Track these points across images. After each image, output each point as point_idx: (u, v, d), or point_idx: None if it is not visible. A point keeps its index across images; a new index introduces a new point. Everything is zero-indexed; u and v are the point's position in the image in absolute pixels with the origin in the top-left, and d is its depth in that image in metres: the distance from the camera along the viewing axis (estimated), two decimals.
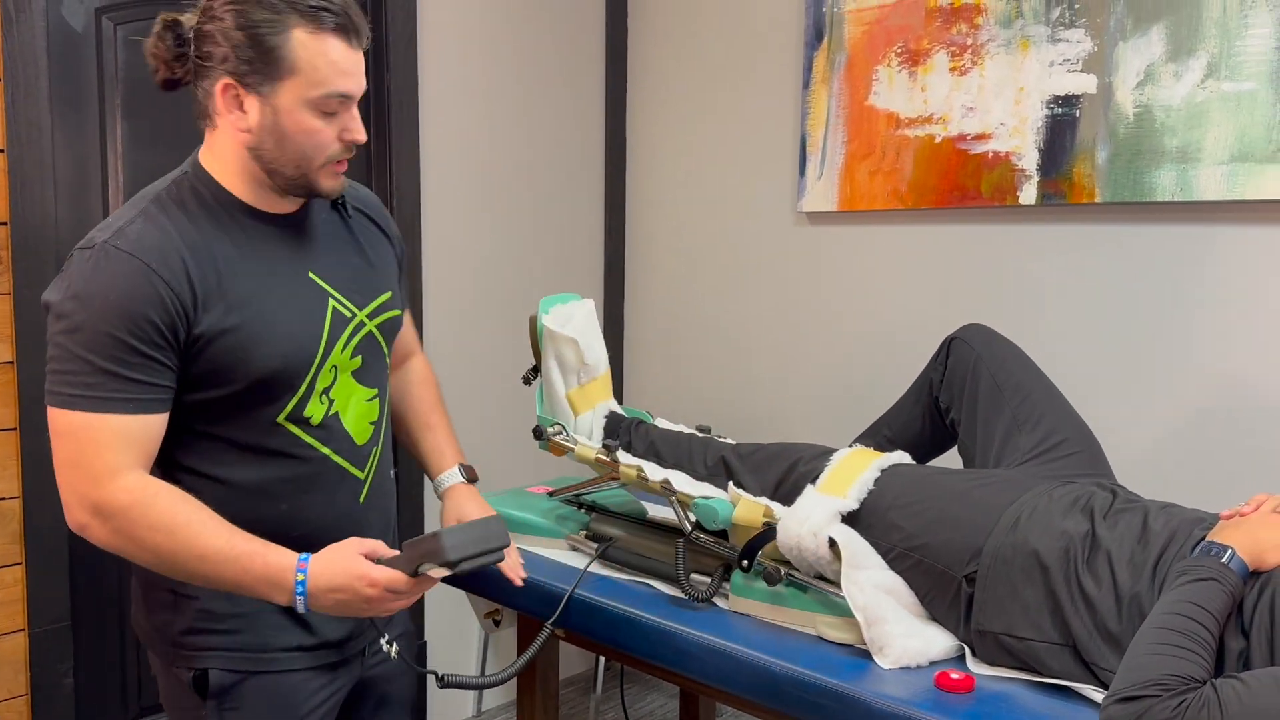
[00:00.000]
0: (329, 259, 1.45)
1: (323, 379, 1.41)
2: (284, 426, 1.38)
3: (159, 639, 1.43)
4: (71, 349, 1.26)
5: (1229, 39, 2.07)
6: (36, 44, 2.06)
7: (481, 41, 2.86)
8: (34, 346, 2.09)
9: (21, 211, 2.06)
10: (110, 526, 1.27)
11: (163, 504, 1.27)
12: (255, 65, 1.28)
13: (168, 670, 1.44)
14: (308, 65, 1.29)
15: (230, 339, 1.31)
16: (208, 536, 1.27)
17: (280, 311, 1.36)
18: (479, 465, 2.87)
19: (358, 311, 1.46)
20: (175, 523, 1.26)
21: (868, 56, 2.61)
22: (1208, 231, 2.15)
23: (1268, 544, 1.34)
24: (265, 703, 1.41)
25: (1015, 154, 2.37)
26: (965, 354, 1.89)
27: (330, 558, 1.29)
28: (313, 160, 1.34)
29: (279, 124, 1.31)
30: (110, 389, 1.25)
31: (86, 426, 1.25)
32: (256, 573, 1.27)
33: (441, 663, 2.93)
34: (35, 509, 2.11)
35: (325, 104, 1.31)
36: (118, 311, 1.25)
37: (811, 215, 2.79)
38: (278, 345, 1.35)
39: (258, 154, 1.33)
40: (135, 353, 1.26)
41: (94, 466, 1.25)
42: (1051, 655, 1.45)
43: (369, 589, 1.28)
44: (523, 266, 3.03)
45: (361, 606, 1.30)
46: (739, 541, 1.74)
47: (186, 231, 1.32)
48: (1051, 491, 1.58)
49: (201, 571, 1.28)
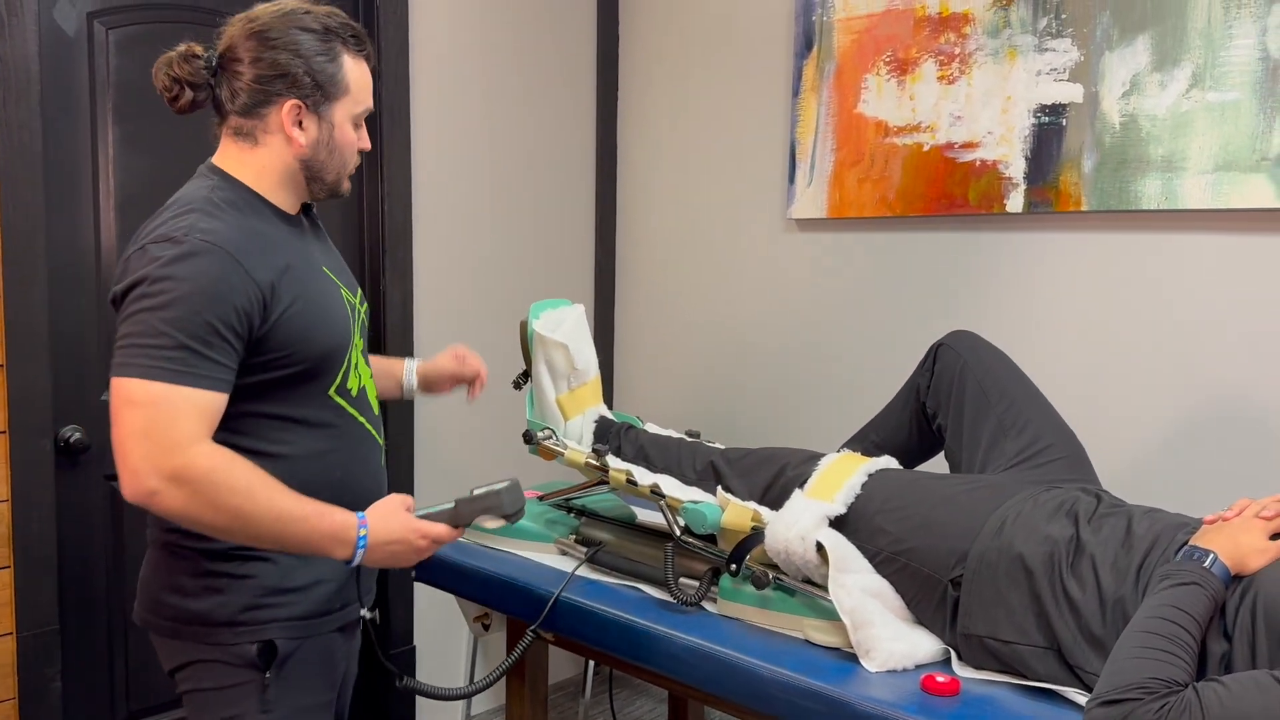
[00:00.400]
0: (326, 257, 1.61)
1: (354, 355, 1.57)
2: (333, 399, 1.53)
3: (207, 625, 1.48)
4: (157, 325, 1.34)
5: (1213, 49, 2.09)
6: (28, 48, 2.06)
7: (474, 49, 2.87)
8: (24, 350, 2.09)
9: (12, 215, 2.06)
10: (187, 491, 1.32)
11: (240, 468, 1.36)
12: (320, 88, 1.47)
13: (212, 658, 1.49)
14: (355, 86, 1.51)
15: (298, 321, 1.45)
16: (281, 498, 1.37)
17: (323, 297, 1.52)
18: (469, 469, 2.89)
19: (352, 299, 1.62)
20: (253, 486, 1.35)
21: (857, 65, 2.63)
22: (1193, 240, 2.17)
23: (1249, 548, 1.36)
24: (315, 664, 1.55)
25: (1002, 162, 2.39)
26: (952, 360, 1.90)
27: (383, 514, 1.43)
28: (348, 166, 1.55)
29: (334, 138, 1.50)
30: (191, 364, 1.34)
31: (167, 398, 1.33)
32: (324, 530, 1.38)
33: (431, 667, 2.93)
34: (23, 513, 2.11)
35: (360, 118, 1.53)
36: (208, 296, 1.35)
37: (801, 222, 2.81)
38: (332, 324, 1.51)
39: (309, 164, 1.51)
40: (217, 335, 1.36)
41: (172, 435, 1.32)
42: (1036, 658, 1.46)
43: (421, 540, 1.44)
44: (513, 272, 3.04)
45: (410, 556, 1.45)
46: (727, 545, 1.75)
47: (249, 229, 1.44)
48: (1037, 496, 1.60)
49: (274, 531, 1.37)
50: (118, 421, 1.33)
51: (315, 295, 1.50)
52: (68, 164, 2.20)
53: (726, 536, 1.75)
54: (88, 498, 2.27)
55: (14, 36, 2.04)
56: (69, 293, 2.22)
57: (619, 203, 3.28)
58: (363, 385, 1.61)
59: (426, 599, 2.88)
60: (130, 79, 2.27)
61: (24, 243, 2.08)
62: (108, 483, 2.30)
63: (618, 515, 2.04)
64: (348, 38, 1.50)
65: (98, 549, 2.30)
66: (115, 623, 2.34)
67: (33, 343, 2.11)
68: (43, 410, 2.13)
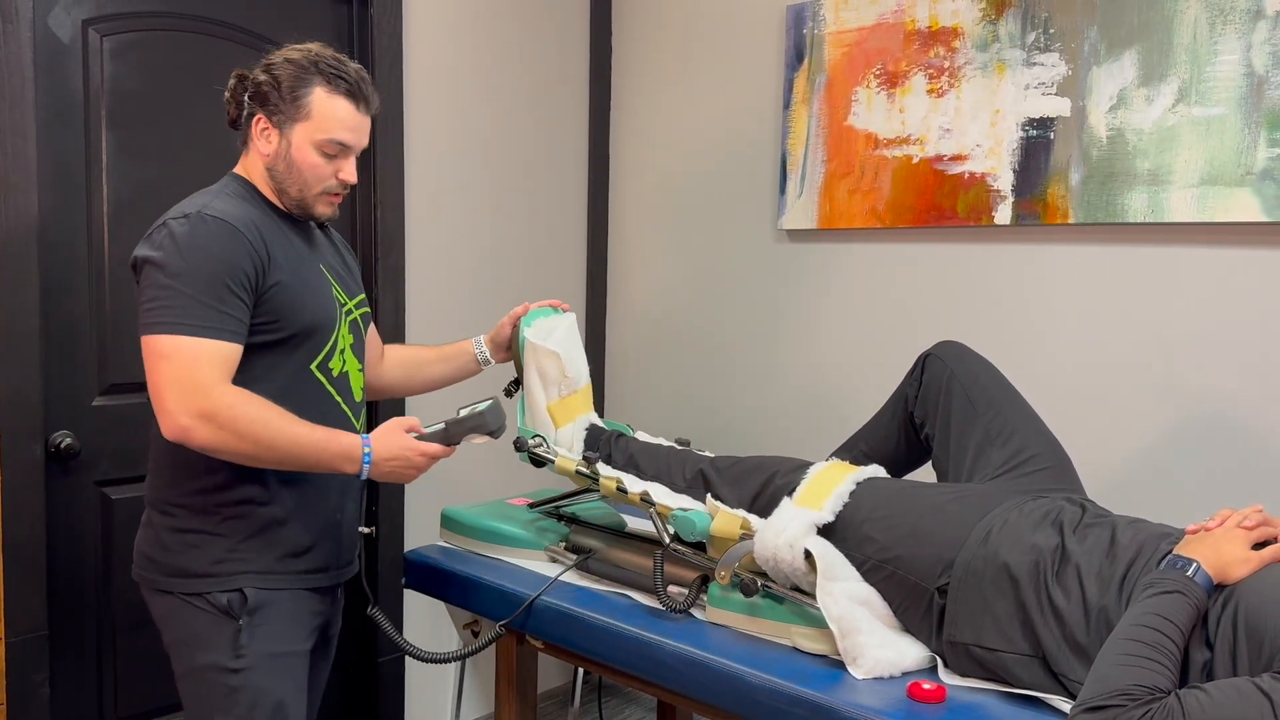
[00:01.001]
0: (328, 259, 1.83)
1: (340, 341, 1.77)
2: (314, 374, 1.73)
3: (185, 576, 1.68)
4: (179, 288, 1.57)
5: (1199, 65, 2.11)
6: (23, 54, 2.07)
7: (467, 60, 2.88)
8: (16, 355, 2.10)
9: (6, 221, 2.07)
10: (215, 424, 1.55)
11: (257, 403, 1.58)
12: (283, 109, 1.68)
13: (191, 605, 1.67)
14: (319, 115, 1.68)
15: (288, 292, 1.67)
16: (294, 425, 1.60)
17: (312, 280, 1.74)
18: (460, 476, 2.90)
19: (348, 300, 1.82)
20: (269, 416, 1.58)
21: (847, 78, 2.66)
22: (1178, 252, 2.20)
23: (1231, 558, 1.37)
24: (285, 615, 1.72)
25: (991, 175, 2.41)
26: (940, 370, 1.92)
27: (384, 435, 1.67)
28: (311, 187, 1.72)
29: (290, 154, 1.70)
30: (211, 319, 1.57)
31: (192, 348, 1.56)
32: (334, 450, 1.62)
33: (420, 675, 2.93)
34: (13, 518, 2.11)
35: (326, 147, 1.70)
36: (219, 260, 1.59)
37: (791, 233, 2.83)
38: (317, 303, 1.72)
39: (272, 174, 1.73)
40: (230, 292, 1.59)
41: (198, 377, 1.55)
42: (1021, 666, 1.47)
43: (418, 458, 1.68)
44: (505, 281, 3.05)
45: (410, 472, 1.69)
46: (717, 553, 1.76)
47: (250, 212, 1.68)
48: (1022, 505, 1.61)
49: (293, 453, 1.60)
50: (152, 371, 1.57)
51: (305, 277, 1.71)
52: (62, 169, 2.21)
53: (715, 544, 1.76)
54: (78, 503, 2.27)
55: (9, 43, 2.05)
56: (62, 298, 2.22)
57: (611, 212, 3.30)
58: (346, 371, 1.79)
59: (416, 607, 2.88)
60: (124, 86, 2.28)
61: (17, 248, 2.09)
62: (98, 488, 2.30)
63: (607, 523, 2.05)
64: (328, 74, 1.69)
65: (87, 554, 2.30)
66: (104, 628, 2.34)
67: (25, 347, 2.11)
68: (34, 415, 2.13)
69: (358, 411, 1.84)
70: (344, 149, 1.71)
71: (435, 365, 2.11)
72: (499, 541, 2.08)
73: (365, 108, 1.73)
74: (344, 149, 1.71)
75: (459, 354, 2.11)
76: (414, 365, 2.10)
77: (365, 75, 1.74)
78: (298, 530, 1.73)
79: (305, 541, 1.74)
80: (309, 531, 1.75)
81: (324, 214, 1.77)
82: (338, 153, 1.71)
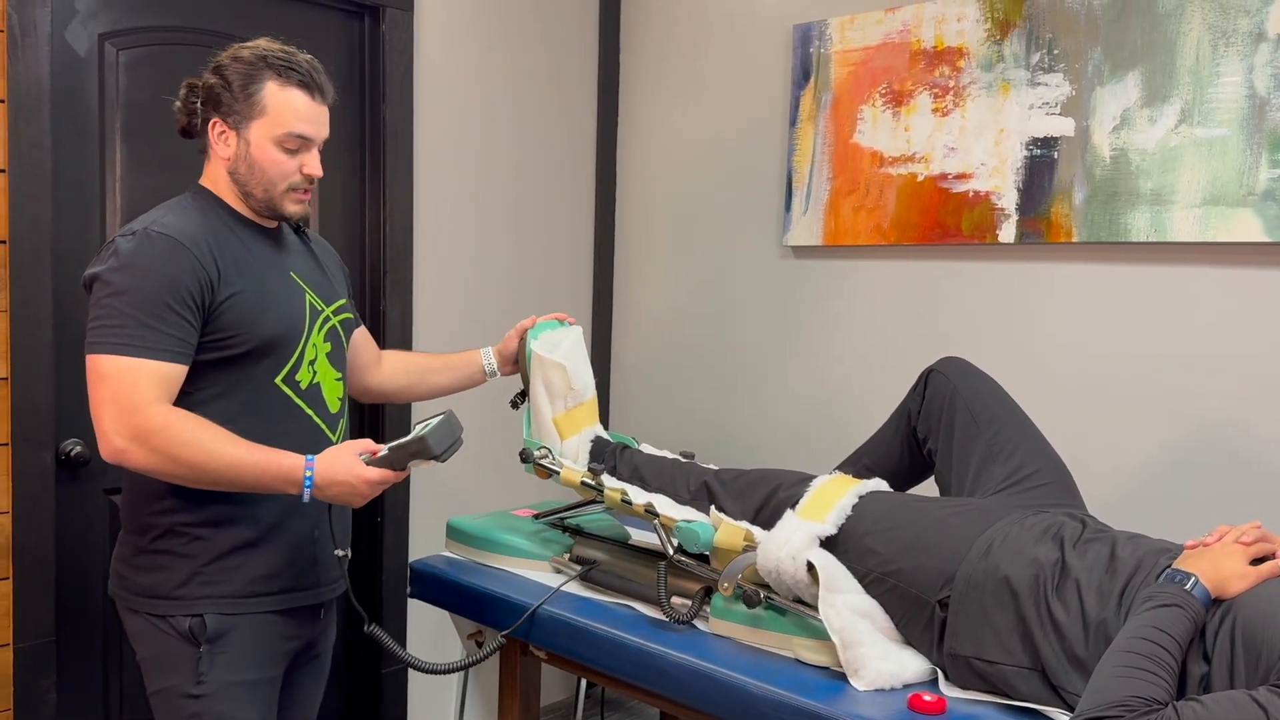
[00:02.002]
0: (301, 266, 1.79)
1: (309, 352, 1.73)
2: (279, 388, 1.69)
3: (151, 597, 1.65)
4: (119, 307, 1.54)
5: (1201, 86, 2.14)
6: (40, 67, 2.10)
7: (477, 75, 2.91)
8: (29, 364, 2.12)
9: (20, 231, 2.10)
10: (149, 446, 1.52)
11: (192, 424, 1.54)
12: (237, 108, 1.64)
13: (156, 628, 1.65)
14: (274, 110, 1.64)
15: (244, 305, 1.63)
16: (231, 447, 1.55)
17: (276, 292, 1.69)
18: (465, 487, 2.91)
19: (325, 307, 1.79)
20: (203, 438, 1.53)
21: (853, 96, 2.68)
22: (1180, 272, 2.21)
23: (1230, 572, 1.39)
24: (249, 641, 1.68)
25: (995, 193, 2.43)
26: (942, 386, 1.93)
27: (332, 458, 1.59)
28: (276, 185, 1.68)
29: (250, 154, 1.66)
30: (150, 340, 1.54)
31: (130, 369, 1.53)
32: (274, 473, 1.56)
33: (424, 685, 2.94)
34: (24, 525, 2.13)
35: (287, 141, 1.66)
36: (160, 279, 1.55)
37: (796, 249, 2.85)
38: (279, 315, 1.67)
39: (235, 177, 1.68)
40: (172, 311, 1.55)
41: (134, 398, 1.52)
42: (1021, 679, 1.48)
43: (362, 485, 1.58)
44: (512, 293, 3.07)
45: (354, 498, 1.60)
46: (720, 564, 1.77)
47: (205, 224, 1.64)
48: (1024, 520, 1.62)
49: (230, 476, 1.55)
50: (91, 393, 1.55)
51: (267, 288, 1.67)
52: (76, 180, 2.24)
53: (719, 555, 1.77)
54: (87, 510, 2.29)
55: (27, 56, 2.08)
56: (74, 308, 2.24)
57: (617, 226, 3.32)
58: (317, 382, 1.75)
59: (420, 617, 2.90)
60: (139, 99, 2.31)
61: (31, 258, 2.12)
62: (107, 496, 2.32)
63: (612, 535, 2.06)
64: (278, 67, 1.65)
65: (95, 561, 2.32)
66: (111, 635, 2.35)
67: (37, 357, 2.13)
68: (45, 423, 2.15)
69: (334, 422, 1.78)
70: (304, 142, 1.67)
71: (440, 374, 2.09)
72: (504, 552, 2.09)
73: (321, 97, 1.69)
74: (304, 142, 1.67)
75: (466, 364, 2.09)
76: (418, 373, 2.09)
77: (318, 65, 1.70)
78: (269, 550, 1.69)
79: (278, 561, 1.70)
80: (282, 551, 1.70)
81: (293, 212, 1.71)
82: (299, 146, 1.67)
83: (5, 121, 2.07)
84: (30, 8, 2.08)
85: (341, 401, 1.82)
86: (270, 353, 1.66)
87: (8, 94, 2.07)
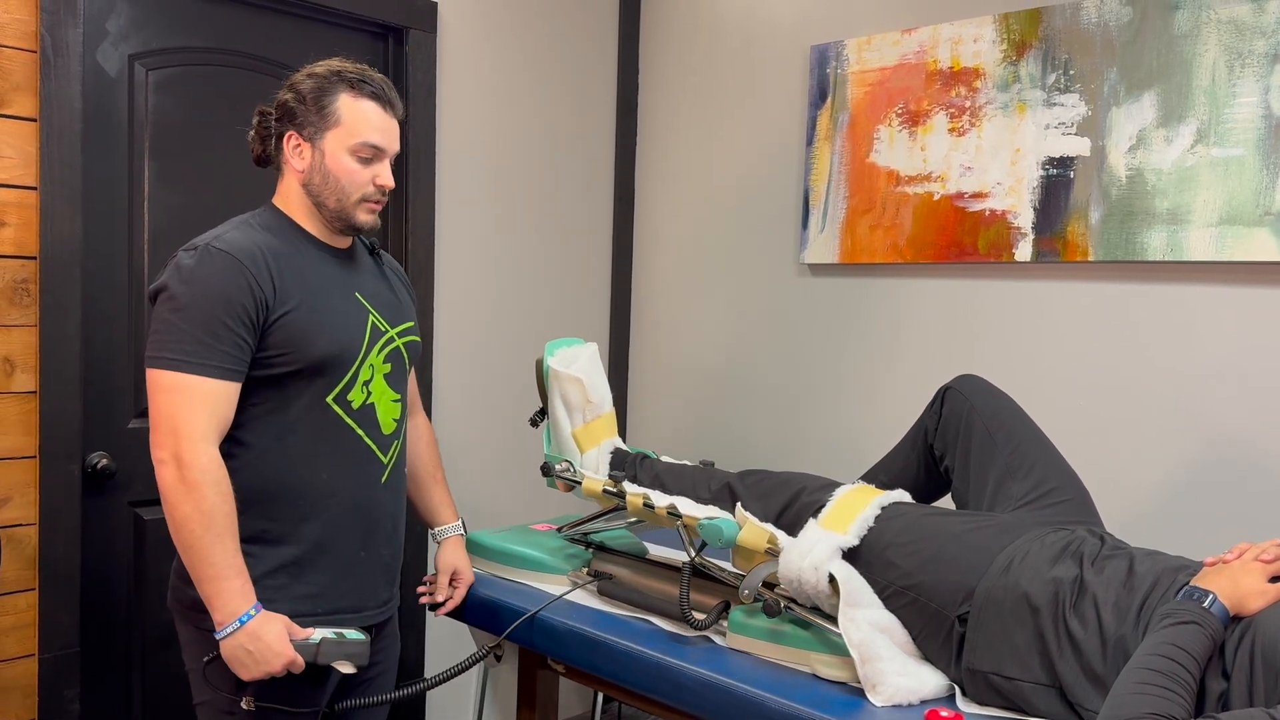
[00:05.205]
0: (369, 287, 1.81)
1: (364, 373, 1.74)
2: (331, 407, 1.70)
3: (201, 611, 1.63)
4: (176, 322, 1.58)
5: (1218, 107, 2.15)
6: (72, 87, 2.14)
7: (498, 95, 2.95)
8: (58, 378, 2.15)
9: (51, 248, 2.13)
10: (179, 476, 1.55)
11: (221, 493, 1.56)
12: (312, 120, 1.69)
13: (206, 641, 1.65)
14: (349, 120, 1.69)
15: (295, 324, 1.65)
16: (222, 546, 1.56)
17: (336, 312, 1.71)
18: (484, 502, 2.93)
19: (389, 329, 1.80)
20: (215, 516, 1.56)
21: (869, 116, 2.70)
22: (1197, 291, 2.22)
23: (1248, 590, 1.39)
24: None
25: (1011, 212, 2.45)
26: (959, 403, 1.94)
27: (267, 623, 1.59)
28: (350, 195, 1.71)
29: (324, 164, 1.70)
30: (203, 356, 1.57)
31: (184, 388, 1.57)
32: (224, 590, 1.57)
33: (441, 699, 2.95)
34: (50, 536, 2.16)
35: (360, 150, 1.70)
36: (217, 295, 1.59)
37: (813, 267, 2.87)
38: (335, 334, 1.69)
39: (308, 188, 1.72)
40: (226, 327, 1.59)
41: (184, 424, 1.56)
42: (1038, 696, 1.49)
43: (275, 660, 1.58)
44: (531, 310, 3.10)
45: (257, 666, 1.59)
46: (742, 563, 1.78)
47: (269, 242, 1.68)
48: (1043, 537, 1.63)
49: (192, 560, 1.57)
50: (151, 403, 1.59)
51: (326, 307, 1.69)
52: (105, 198, 2.27)
53: (741, 554, 1.77)
54: (112, 523, 2.32)
55: (59, 76, 2.12)
56: (102, 324, 2.28)
57: (635, 244, 3.35)
58: (371, 403, 1.75)
59: (439, 630, 2.91)
60: (168, 118, 2.35)
61: (61, 274, 2.15)
62: (131, 509, 2.35)
63: (630, 550, 2.08)
64: (352, 80, 1.70)
65: (120, 573, 2.35)
66: (134, 646, 2.38)
67: (66, 370, 2.17)
68: (72, 436, 2.18)
69: (386, 444, 1.78)
70: (377, 152, 1.71)
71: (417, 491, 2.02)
72: (522, 566, 2.11)
73: (392, 110, 1.73)
74: (377, 152, 1.71)
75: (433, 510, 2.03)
76: (412, 480, 2.00)
77: (389, 82, 1.75)
78: (315, 570, 1.70)
79: (322, 581, 1.71)
80: (326, 572, 1.71)
81: (365, 222, 1.74)
82: (372, 156, 1.70)
83: (37, 140, 2.11)
84: (62, 29, 2.12)
85: (397, 423, 1.81)
86: (322, 373, 1.68)
87: (40, 113, 2.11)
